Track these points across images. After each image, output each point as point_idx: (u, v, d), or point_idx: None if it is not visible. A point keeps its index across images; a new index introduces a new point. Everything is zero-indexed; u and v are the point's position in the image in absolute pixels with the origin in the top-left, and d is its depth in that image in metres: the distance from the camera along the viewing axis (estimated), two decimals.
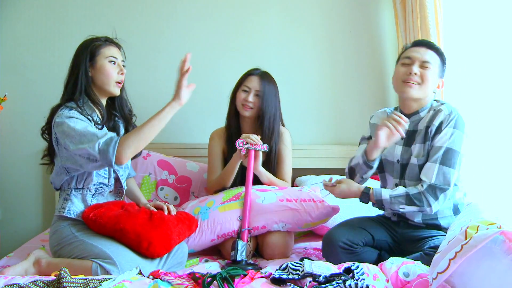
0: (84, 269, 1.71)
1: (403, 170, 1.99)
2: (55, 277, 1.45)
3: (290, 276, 1.50)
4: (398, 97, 2.09)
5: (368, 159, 2.00)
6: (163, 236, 1.84)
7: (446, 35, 2.54)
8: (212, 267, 1.91)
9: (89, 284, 1.42)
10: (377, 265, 1.66)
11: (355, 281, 1.44)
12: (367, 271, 1.57)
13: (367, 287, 1.43)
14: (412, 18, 2.66)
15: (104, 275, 1.64)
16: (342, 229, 1.95)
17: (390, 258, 1.68)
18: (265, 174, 2.30)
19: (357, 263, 1.59)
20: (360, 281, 1.45)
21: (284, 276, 1.50)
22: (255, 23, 2.91)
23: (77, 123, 1.82)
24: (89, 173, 1.92)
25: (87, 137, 1.79)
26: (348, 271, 1.54)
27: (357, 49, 2.99)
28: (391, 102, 3.00)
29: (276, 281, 1.50)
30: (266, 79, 2.35)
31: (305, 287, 1.46)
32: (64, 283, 1.40)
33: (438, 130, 1.87)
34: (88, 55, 1.93)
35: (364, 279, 1.49)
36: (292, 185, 2.60)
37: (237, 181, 2.35)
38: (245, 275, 1.50)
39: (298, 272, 1.52)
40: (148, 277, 1.52)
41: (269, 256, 2.11)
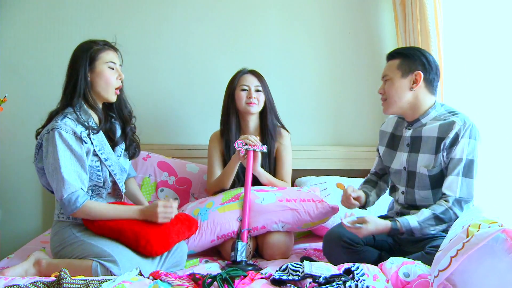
0: (84, 268, 1.71)
1: (410, 178, 1.99)
2: (55, 278, 1.45)
3: (290, 277, 1.50)
4: None
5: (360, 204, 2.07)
6: (161, 235, 1.84)
7: (446, 36, 2.54)
8: (212, 268, 1.91)
9: (89, 285, 1.42)
10: (377, 265, 1.66)
11: (355, 282, 1.44)
12: (367, 272, 1.57)
13: None
14: (412, 19, 2.66)
15: (104, 276, 1.65)
16: (343, 228, 1.95)
17: (390, 258, 1.67)
18: (264, 175, 2.30)
19: (357, 264, 1.59)
20: (360, 282, 1.45)
21: (284, 277, 1.50)
22: (255, 24, 2.91)
23: (62, 157, 1.81)
24: None
25: (58, 178, 1.80)
26: (348, 272, 1.53)
27: (357, 50, 2.99)
28: None
29: (276, 282, 1.49)
30: (259, 75, 2.40)
31: None
32: (64, 284, 1.40)
33: (455, 142, 1.85)
34: (88, 60, 1.91)
35: (364, 280, 1.48)
36: (292, 186, 2.60)
37: (237, 182, 2.35)
38: (245, 276, 1.50)
39: (298, 273, 1.52)
40: (148, 278, 1.53)
41: (269, 257, 2.11)
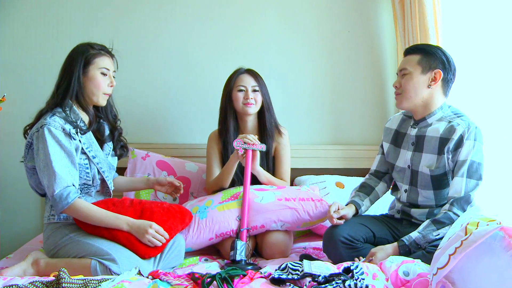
0: (83, 267, 1.71)
1: (413, 176, 1.99)
2: (54, 278, 1.45)
3: (290, 276, 1.50)
4: None
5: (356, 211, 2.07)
6: None
7: (445, 35, 2.54)
8: (212, 267, 1.91)
9: (88, 285, 1.42)
10: (377, 264, 1.66)
11: (355, 281, 1.44)
12: (367, 271, 1.57)
13: (367, 287, 1.43)
14: (411, 18, 2.66)
15: (104, 275, 1.64)
16: (344, 225, 1.96)
17: (390, 257, 1.67)
18: (263, 174, 2.29)
19: (357, 263, 1.59)
20: (360, 281, 1.45)
21: (284, 276, 1.50)
22: (253, 23, 2.91)
23: (52, 152, 1.81)
24: None
25: (50, 173, 1.80)
26: (348, 271, 1.53)
27: (356, 49, 2.99)
28: (390, 102, 3.01)
29: (276, 281, 1.49)
30: (256, 74, 2.39)
31: (305, 287, 1.45)
32: (63, 284, 1.40)
33: (460, 144, 1.86)
34: (83, 63, 1.93)
35: (364, 279, 1.48)
36: (291, 185, 2.60)
37: (236, 181, 2.35)
38: (245, 275, 1.50)
39: (298, 272, 1.52)
40: (147, 277, 1.52)
41: (269, 256, 2.11)
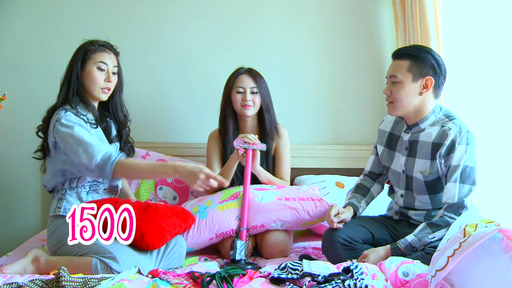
0: (84, 265, 1.72)
1: (408, 181, 1.99)
2: (54, 276, 1.45)
3: (289, 276, 1.50)
4: None
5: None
6: (156, 227, 1.85)
7: (446, 36, 2.54)
8: (211, 266, 1.91)
9: (88, 283, 1.42)
10: (376, 264, 1.66)
11: (354, 281, 1.44)
12: (366, 271, 1.57)
13: (366, 287, 1.43)
14: (412, 18, 2.66)
15: (103, 274, 1.65)
16: (342, 226, 1.95)
17: (390, 257, 1.68)
18: (264, 173, 2.30)
19: (356, 263, 1.59)
20: (359, 281, 1.45)
21: (283, 276, 1.50)
22: (254, 22, 2.91)
23: (77, 131, 1.86)
24: None
25: (85, 148, 1.83)
26: (347, 271, 1.53)
27: (356, 49, 2.98)
28: None
29: (275, 281, 1.50)
30: (256, 75, 2.37)
31: (304, 287, 1.46)
32: (63, 282, 1.40)
33: (452, 149, 1.85)
34: (81, 59, 1.96)
35: (363, 279, 1.48)
36: (291, 185, 2.60)
37: (236, 181, 2.35)
38: (244, 275, 1.50)
39: (297, 272, 1.52)
40: (147, 276, 1.53)
41: (268, 255, 2.11)
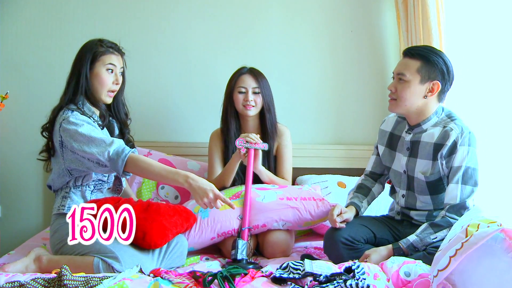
0: (86, 265, 1.72)
1: (410, 182, 1.99)
2: (56, 275, 1.45)
3: (291, 275, 1.50)
4: None
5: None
6: (158, 226, 1.85)
7: (448, 36, 2.54)
8: (213, 266, 1.91)
9: (90, 282, 1.42)
10: (378, 264, 1.66)
11: (356, 281, 1.44)
12: (368, 271, 1.57)
13: (368, 287, 1.43)
14: (414, 18, 2.66)
15: (105, 273, 1.65)
16: (345, 226, 1.95)
17: (391, 257, 1.68)
18: (265, 173, 2.30)
19: (358, 263, 1.59)
20: (361, 281, 1.45)
21: (285, 275, 1.50)
22: (256, 22, 2.91)
23: (85, 128, 1.86)
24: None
25: (96, 143, 1.84)
26: (349, 271, 1.53)
27: (359, 49, 2.98)
28: None
29: (277, 280, 1.50)
30: (258, 75, 2.36)
31: (306, 287, 1.45)
32: (65, 281, 1.40)
33: (454, 150, 1.84)
34: (90, 59, 1.96)
35: (365, 279, 1.48)
36: (293, 185, 2.59)
37: (237, 180, 2.35)
38: (246, 274, 1.50)
39: (299, 272, 1.52)
40: (149, 275, 1.53)
41: (270, 255, 2.11)
